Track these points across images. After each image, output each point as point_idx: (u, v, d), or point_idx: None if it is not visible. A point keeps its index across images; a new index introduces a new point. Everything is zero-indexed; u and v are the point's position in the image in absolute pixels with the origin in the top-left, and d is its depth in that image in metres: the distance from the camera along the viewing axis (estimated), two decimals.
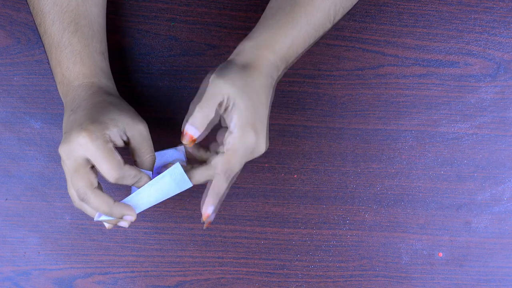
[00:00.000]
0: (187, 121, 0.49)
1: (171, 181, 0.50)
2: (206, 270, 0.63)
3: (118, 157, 0.47)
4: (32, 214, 0.62)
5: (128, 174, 0.48)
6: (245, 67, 0.49)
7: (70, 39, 0.52)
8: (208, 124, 0.49)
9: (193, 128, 0.48)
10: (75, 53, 0.52)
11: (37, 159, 0.62)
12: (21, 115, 0.62)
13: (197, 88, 0.62)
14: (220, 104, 0.48)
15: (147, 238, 0.62)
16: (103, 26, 0.55)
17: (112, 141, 0.48)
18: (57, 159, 0.62)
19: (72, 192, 0.50)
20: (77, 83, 0.52)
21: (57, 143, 0.62)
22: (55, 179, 0.62)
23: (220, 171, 0.49)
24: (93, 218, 0.63)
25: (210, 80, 0.48)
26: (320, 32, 0.53)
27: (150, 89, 0.62)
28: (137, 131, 0.50)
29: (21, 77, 0.61)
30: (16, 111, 0.61)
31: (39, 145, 0.62)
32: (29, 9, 0.61)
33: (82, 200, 0.48)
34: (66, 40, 0.52)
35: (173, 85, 0.62)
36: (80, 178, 0.47)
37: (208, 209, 0.50)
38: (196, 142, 0.50)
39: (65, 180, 0.62)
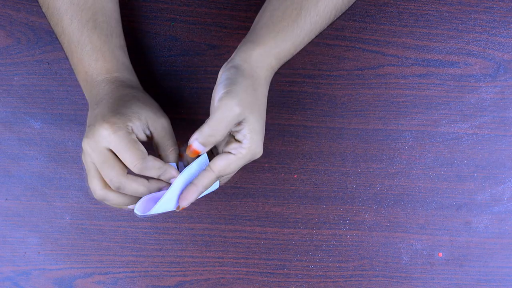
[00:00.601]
0: (196, 138, 0.48)
1: (197, 172, 0.50)
2: (206, 270, 0.63)
3: (141, 147, 0.47)
4: (32, 214, 0.62)
5: (152, 165, 0.47)
6: (252, 77, 0.49)
7: (89, 36, 0.52)
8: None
9: (200, 146, 0.48)
10: (96, 49, 0.52)
11: (37, 159, 0.62)
12: (21, 115, 0.62)
13: (197, 88, 0.62)
14: None
15: (147, 238, 0.62)
16: (119, 21, 0.56)
17: (134, 134, 0.48)
18: (57, 159, 0.62)
19: (94, 184, 0.49)
20: (100, 78, 0.52)
21: (57, 143, 0.62)
22: (55, 179, 0.62)
23: (216, 170, 0.49)
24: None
25: (220, 99, 0.47)
26: (318, 34, 0.54)
27: (150, 89, 0.62)
28: (160, 125, 0.50)
29: (21, 77, 0.61)
30: (16, 111, 0.61)
31: (39, 145, 0.62)
32: (29, 9, 0.60)
33: (118, 188, 0.48)
34: (86, 37, 0.52)
35: (173, 85, 0.62)
36: (111, 168, 0.47)
37: (190, 199, 0.50)
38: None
39: (65, 180, 0.62)
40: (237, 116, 0.47)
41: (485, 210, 0.64)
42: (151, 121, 0.49)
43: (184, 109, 0.62)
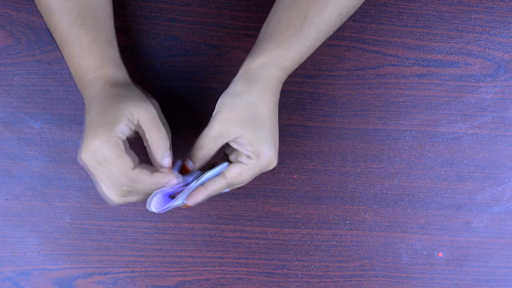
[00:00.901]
0: (189, 155, 0.51)
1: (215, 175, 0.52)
2: (206, 270, 0.63)
3: (127, 159, 0.47)
4: (32, 214, 0.62)
5: (138, 178, 0.47)
6: (249, 91, 0.50)
7: (78, 33, 0.52)
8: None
9: (190, 162, 0.51)
10: (83, 46, 0.52)
11: (37, 159, 0.62)
12: (21, 115, 0.62)
13: (196, 88, 0.62)
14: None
15: (147, 238, 0.62)
16: (110, 15, 0.55)
17: (124, 138, 0.48)
18: (57, 159, 0.62)
19: (110, 195, 0.49)
20: (88, 78, 0.52)
21: (57, 143, 0.62)
22: (55, 179, 0.62)
23: (229, 177, 0.51)
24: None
25: (213, 115, 0.50)
26: (323, 41, 0.53)
27: (150, 89, 0.62)
28: (142, 113, 0.49)
29: (21, 77, 0.61)
30: (16, 111, 0.61)
31: (39, 145, 0.62)
32: (29, 9, 0.61)
33: (130, 193, 0.48)
34: (75, 34, 0.52)
35: (173, 85, 0.62)
36: (117, 176, 0.48)
37: (197, 199, 0.51)
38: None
39: (65, 180, 0.62)
40: (219, 134, 0.49)
41: (485, 210, 0.64)
42: (134, 112, 0.48)
43: (184, 109, 0.62)
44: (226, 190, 0.53)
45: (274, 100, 0.51)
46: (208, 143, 0.50)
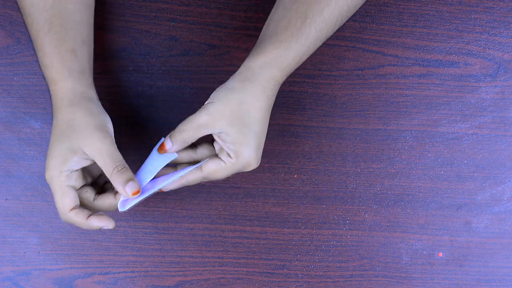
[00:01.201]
0: (169, 135, 0.52)
1: (158, 155, 0.52)
2: (206, 270, 0.63)
3: (67, 200, 0.49)
4: (32, 214, 0.62)
5: (72, 219, 0.49)
6: (243, 91, 0.50)
7: (43, 40, 0.51)
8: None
9: (169, 142, 0.51)
10: (46, 55, 0.51)
11: (37, 159, 0.62)
12: (21, 115, 0.62)
13: (197, 88, 0.62)
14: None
15: (147, 238, 0.62)
16: (81, 22, 0.54)
17: (76, 167, 0.49)
18: None
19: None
20: (50, 89, 0.52)
21: None
22: None
23: (205, 172, 0.52)
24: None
25: (205, 104, 0.51)
26: (324, 41, 0.53)
27: (150, 89, 0.62)
28: (94, 151, 0.49)
29: (21, 77, 0.61)
30: (16, 111, 0.61)
31: (39, 145, 0.62)
32: None
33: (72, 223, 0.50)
34: (41, 41, 0.51)
35: (173, 85, 0.62)
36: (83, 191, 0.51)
37: (172, 186, 0.52)
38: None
39: None
40: (204, 124, 0.49)
41: (485, 210, 0.64)
42: (86, 149, 0.49)
43: (184, 109, 0.62)
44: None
45: (267, 103, 0.51)
46: (190, 128, 0.50)
